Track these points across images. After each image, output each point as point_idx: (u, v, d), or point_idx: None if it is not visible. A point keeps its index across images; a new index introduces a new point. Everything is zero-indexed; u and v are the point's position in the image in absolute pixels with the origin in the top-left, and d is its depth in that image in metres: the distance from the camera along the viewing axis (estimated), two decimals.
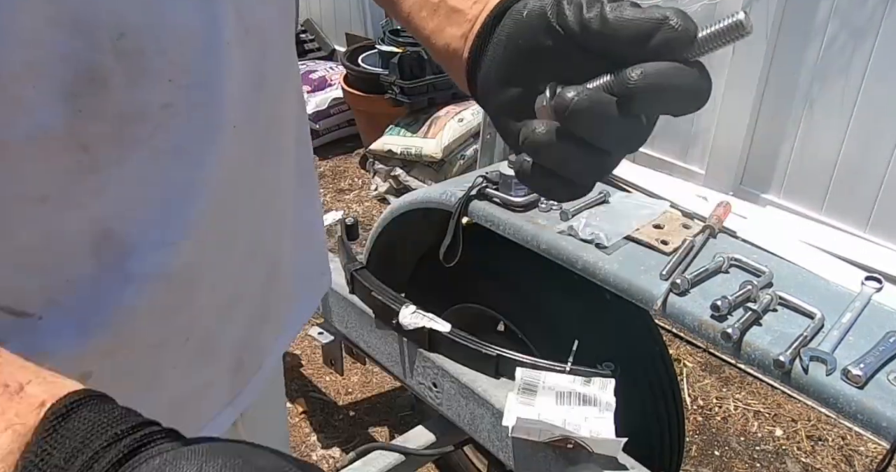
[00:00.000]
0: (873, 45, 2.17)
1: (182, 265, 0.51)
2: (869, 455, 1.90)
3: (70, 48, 0.40)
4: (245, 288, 0.60)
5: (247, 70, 0.50)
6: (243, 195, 0.55)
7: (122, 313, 0.49)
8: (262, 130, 0.55)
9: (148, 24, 0.43)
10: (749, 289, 1.07)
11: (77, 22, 0.40)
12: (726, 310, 1.04)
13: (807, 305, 1.05)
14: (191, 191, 0.49)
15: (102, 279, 0.48)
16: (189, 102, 0.47)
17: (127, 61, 0.43)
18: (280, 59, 0.56)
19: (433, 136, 2.84)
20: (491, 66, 0.46)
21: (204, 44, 0.46)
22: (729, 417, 2.05)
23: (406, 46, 2.98)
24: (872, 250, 1.72)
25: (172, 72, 0.45)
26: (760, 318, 1.04)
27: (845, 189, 2.38)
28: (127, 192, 0.46)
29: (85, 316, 0.48)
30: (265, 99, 0.54)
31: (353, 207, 3.12)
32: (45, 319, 0.47)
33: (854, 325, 1.02)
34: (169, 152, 0.47)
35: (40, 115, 0.41)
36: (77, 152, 0.43)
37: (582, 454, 1.10)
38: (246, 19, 0.49)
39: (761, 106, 2.51)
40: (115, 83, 0.43)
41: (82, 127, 0.43)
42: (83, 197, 0.45)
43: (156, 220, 0.48)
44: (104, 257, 0.47)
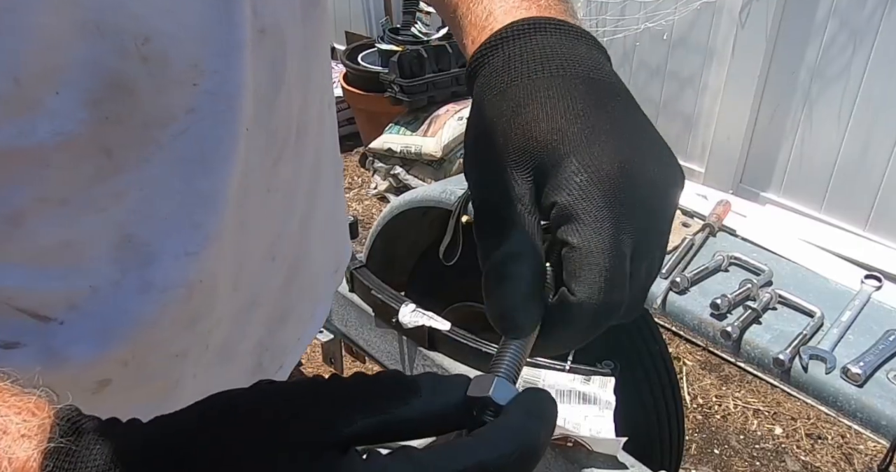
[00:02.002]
0: (872, 45, 2.17)
1: (201, 275, 0.50)
2: (868, 454, 1.91)
3: (94, 54, 0.40)
4: (264, 291, 0.60)
5: (263, 72, 0.49)
6: (261, 199, 0.54)
7: (143, 322, 0.49)
8: (280, 132, 0.54)
9: (171, 27, 0.42)
10: (748, 287, 1.07)
11: (101, 27, 0.39)
12: (726, 308, 1.05)
13: (806, 303, 1.05)
14: (210, 198, 0.48)
15: (123, 287, 0.47)
16: (212, 106, 0.46)
17: (152, 66, 0.42)
18: (300, 59, 0.55)
19: (433, 134, 2.84)
20: None
21: (222, 46, 0.45)
22: (728, 415, 2.05)
23: (405, 45, 2.98)
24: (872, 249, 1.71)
25: (196, 76, 0.44)
26: (760, 316, 1.04)
27: (845, 188, 2.38)
28: (148, 197, 0.46)
29: (105, 323, 0.48)
30: (283, 100, 0.53)
31: (352, 206, 3.12)
32: (66, 324, 0.46)
33: (853, 323, 1.02)
34: (190, 158, 0.46)
35: (63, 121, 0.40)
36: (99, 157, 0.43)
37: (582, 452, 1.10)
38: (262, 19, 0.48)
39: (761, 105, 2.51)
40: (141, 89, 0.42)
41: (106, 133, 0.42)
42: (104, 201, 0.44)
43: (176, 228, 0.48)
44: (125, 264, 0.47)
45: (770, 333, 1.02)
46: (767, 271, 1.12)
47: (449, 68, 2.91)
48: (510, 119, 0.38)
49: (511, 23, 0.42)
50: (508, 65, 0.40)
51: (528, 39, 0.41)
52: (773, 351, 0.98)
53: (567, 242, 0.35)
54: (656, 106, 2.79)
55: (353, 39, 3.84)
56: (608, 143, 0.36)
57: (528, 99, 0.38)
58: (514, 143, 0.38)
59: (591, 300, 0.35)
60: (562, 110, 0.37)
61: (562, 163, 0.36)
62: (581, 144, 0.36)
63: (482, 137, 0.39)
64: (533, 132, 0.37)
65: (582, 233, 0.35)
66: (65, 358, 0.46)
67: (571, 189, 0.35)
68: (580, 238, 0.35)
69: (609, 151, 0.36)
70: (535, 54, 0.40)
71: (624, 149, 0.37)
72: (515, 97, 0.39)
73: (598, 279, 0.35)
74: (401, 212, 1.50)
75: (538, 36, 0.41)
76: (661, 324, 1.94)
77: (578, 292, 0.35)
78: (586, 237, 0.35)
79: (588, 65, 0.40)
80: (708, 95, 2.64)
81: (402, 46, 2.99)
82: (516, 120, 0.38)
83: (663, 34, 2.61)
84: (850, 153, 2.33)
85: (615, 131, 0.37)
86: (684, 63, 2.66)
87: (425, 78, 2.90)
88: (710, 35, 2.55)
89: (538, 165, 0.37)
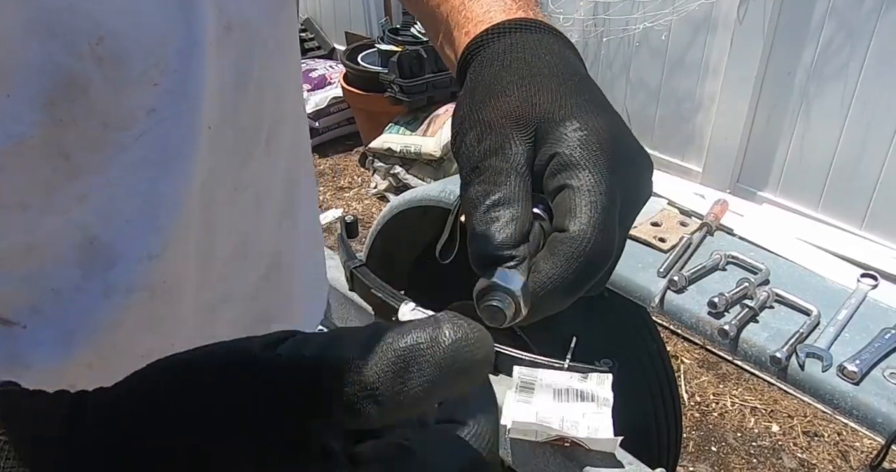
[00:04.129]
0: (869, 46, 2.18)
1: (164, 277, 0.49)
2: (864, 451, 1.92)
3: (45, 55, 0.38)
4: (236, 289, 0.59)
5: (228, 69, 0.49)
6: (228, 197, 0.53)
7: (106, 325, 0.48)
8: (249, 130, 0.53)
9: (127, 26, 0.41)
10: (746, 286, 1.08)
11: (52, 27, 0.38)
12: (723, 307, 1.05)
13: (803, 302, 1.06)
14: (173, 200, 0.47)
15: (86, 290, 0.46)
16: (173, 105, 0.45)
17: (108, 66, 0.41)
18: (271, 57, 0.54)
19: (432, 134, 2.84)
20: None
21: (183, 43, 0.44)
22: (726, 413, 2.06)
23: (405, 45, 2.99)
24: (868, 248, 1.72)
25: (156, 75, 0.43)
26: (757, 315, 1.05)
27: (841, 187, 2.39)
28: (110, 200, 0.45)
29: (69, 327, 0.47)
30: (252, 97, 0.52)
31: (352, 205, 3.12)
32: (30, 328, 0.46)
33: (850, 322, 1.03)
34: (152, 159, 0.45)
35: (15, 123, 0.39)
36: (57, 160, 0.42)
37: (579, 450, 1.11)
38: (228, 16, 0.47)
39: (758, 105, 2.52)
40: (96, 90, 0.41)
41: (62, 135, 0.41)
42: (65, 203, 0.43)
43: (139, 231, 0.47)
44: (88, 267, 0.46)
45: (767, 331, 1.02)
46: (764, 270, 1.13)
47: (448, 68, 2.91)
48: (515, 87, 0.40)
49: (512, 19, 0.45)
50: (512, 48, 0.43)
51: (527, 34, 0.44)
52: (770, 349, 0.99)
53: (566, 184, 0.37)
54: (654, 107, 2.80)
55: (353, 40, 3.84)
56: (602, 114, 0.39)
57: (530, 75, 0.41)
58: (518, 107, 0.39)
59: (586, 234, 0.35)
60: (561, 86, 0.40)
61: (562, 123, 0.38)
62: (580, 109, 0.39)
63: (482, 101, 0.41)
64: (536, 99, 0.39)
65: (581, 176, 0.36)
66: (29, 363, 0.45)
67: (572, 141, 0.37)
68: (579, 180, 0.36)
69: (603, 119, 0.39)
70: (534, 45, 0.43)
71: (615, 121, 0.40)
72: (519, 70, 0.41)
73: (594, 215, 0.35)
74: (400, 211, 1.50)
75: (535, 33, 0.44)
76: (659, 322, 1.95)
77: (573, 226, 0.35)
78: (585, 179, 0.36)
79: (576, 62, 0.44)
80: (706, 95, 2.64)
81: (401, 47, 3.00)
82: (519, 90, 0.40)
83: (662, 34, 2.62)
84: (847, 153, 2.34)
85: (601, 108, 0.40)
86: (682, 63, 2.67)
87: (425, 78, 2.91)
88: (707, 35, 2.55)
89: (538, 127, 0.39)
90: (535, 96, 0.40)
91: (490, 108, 0.40)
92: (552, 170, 0.38)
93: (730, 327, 1.02)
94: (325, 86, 3.56)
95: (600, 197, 0.36)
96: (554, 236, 0.36)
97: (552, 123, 0.38)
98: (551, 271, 0.35)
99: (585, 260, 0.35)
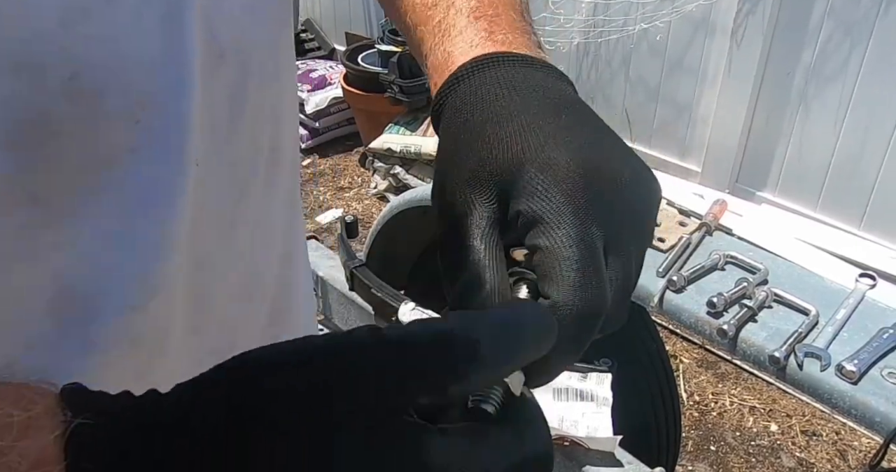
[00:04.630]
0: (867, 45, 2.19)
1: (147, 329, 0.45)
2: (863, 450, 1.92)
3: (9, 92, 0.34)
4: (242, 334, 0.54)
5: (220, 100, 0.44)
6: (225, 237, 0.49)
7: (87, 381, 0.44)
8: (243, 164, 0.48)
9: (104, 57, 0.37)
10: (745, 286, 1.09)
11: (17, 63, 0.34)
12: (722, 307, 1.06)
13: (802, 301, 1.07)
14: (155, 246, 0.42)
15: (63, 346, 0.42)
16: (157, 143, 0.40)
17: (82, 104, 0.37)
18: (269, 83, 0.50)
19: (432, 134, 2.85)
20: None
21: (169, 76, 0.40)
22: (725, 412, 2.06)
23: (405, 46, 2.99)
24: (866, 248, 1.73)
25: (138, 111, 0.39)
26: (756, 314, 1.05)
27: (840, 187, 2.39)
28: (87, 247, 0.40)
29: None
30: (246, 129, 0.47)
31: (352, 205, 3.13)
32: None
33: (848, 321, 1.03)
34: (133, 202, 0.41)
35: None
36: (27, 206, 0.37)
37: (579, 449, 1.11)
38: (220, 43, 0.43)
39: (757, 105, 2.53)
40: (69, 130, 0.37)
41: (32, 179, 0.37)
42: (38, 252, 0.39)
43: (120, 280, 0.42)
44: (64, 320, 0.41)
45: (766, 331, 1.03)
46: (763, 270, 1.13)
47: None
48: (469, 145, 0.38)
49: (466, 62, 0.42)
50: (465, 100, 0.41)
51: (483, 74, 0.41)
52: (768, 349, 0.99)
53: (536, 246, 0.35)
54: (653, 106, 2.81)
55: (353, 40, 3.84)
56: (566, 146, 0.36)
57: (484, 124, 0.38)
58: (472, 167, 0.37)
59: (568, 300, 0.34)
60: (517, 127, 0.38)
61: (520, 172, 0.36)
62: (538, 151, 0.36)
63: (445, 168, 0.39)
64: (492, 153, 0.37)
65: (547, 233, 0.34)
66: None
67: (531, 194, 0.35)
68: (546, 239, 0.34)
69: (566, 153, 0.36)
70: (490, 84, 0.40)
71: (583, 149, 0.37)
72: (473, 125, 0.39)
73: (570, 275, 0.34)
74: (400, 211, 1.51)
75: (492, 69, 0.41)
76: (658, 322, 1.95)
77: (552, 294, 0.34)
78: (552, 236, 0.34)
79: (542, 85, 0.40)
80: (705, 96, 2.65)
81: (401, 47, 3.00)
82: (474, 145, 0.38)
83: (660, 34, 2.62)
84: (846, 153, 2.35)
85: (573, 136, 0.37)
86: (681, 65, 2.67)
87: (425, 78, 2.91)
88: (706, 36, 2.56)
89: (499, 183, 0.37)
90: (494, 149, 0.37)
91: (451, 175, 0.38)
92: (521, 230, 0.36)
93: (729, 326, 1.02)
94: (326, 86, 3.56)
95: (572, 251, 0.34)
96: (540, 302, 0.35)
97: (511, 173, 0.36)
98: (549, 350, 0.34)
99: (578, 329, 0.34)
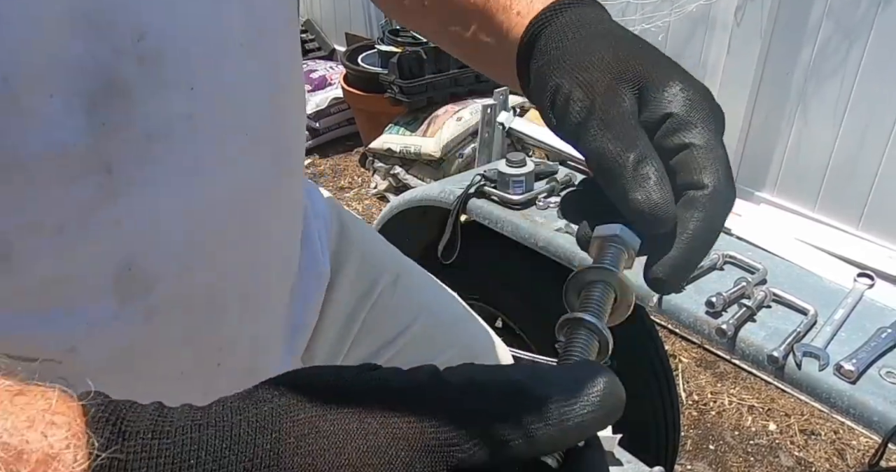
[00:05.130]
0: (866, 45, 2.19)
1: (202, 295, 0.46)
2: (861, 449, 1.93)
3: (88, 52, 0.36)
4: (275, 297, 0.57)
5: (262, 76, 0.46)
6: (265, 212, 0.51)
7: (145, 349, 0.45)
8: (278, 140, 0.51)
9: (165, 22, 0.39)
10: (743, 286, 1.09)
11: (94, 22, 0.36)
12: (721, 306, 1.06)
13: (800, 301, 1.07)
14: (210, 212, 0.45)
15: (124, 320, 0.43)
16: (212, 112, 0.43)
17: (149, 67, 0.39)
18: (291, 67, 0.52)
19: (432, 134, 2.85)
20: None
21: (218, 46, 0.42)
22: (723, 412, 2.07)
23: (405, 46, 3.00)
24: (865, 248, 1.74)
25: (193, 79, 0.41)
26: (754, 314, 1.06)
27: (838, 187, 2.40)
28: (146, 218, 0.42)
29: (106, 357, 0.43)
30: (279, 107, 0.50)
31: (352, 205, 3.13)
32: (65, 364, 0.42)
33: (846, 321, 1.03)
34: (189, 170, 0.43)
35: (59, 129, 0.36)
36: (99, 174, 0.39)
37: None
38: (258, 20, 0.45)
39: (755, 105, 2.53)
40: (138, 93, 0.39)
41: (105, 144, 0.38)
42: (103, 228, 0.40)
43: (176, 248, 0.44)
44: (126, 294, 0.42)
45: (764, 330, 1.03)
46: (762, 270, 1.13)
47: (448, 69, 2.92)
48: (606, 51, 0.42)
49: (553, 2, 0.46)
50: (582, 20, 0.45)
51: (586, 8, 0.46)
52: (767, 348, 1.00)
53: (691, 143, 0.39)
54: None
55: (353, 41, 3.85)
56: (684, 72, 0.42)
57: (614, 40, 0.43)
58: (618, 67, 0.41)
59: (721, 187, 0.38)
60: (644, 50, 0.42)
61: (667, 84, 0.40)
62: (675, 71, 0.41)
63: (576, 66, 0.42)
64: (631, 61, 0.41)
65: (703, 135, 0.39)
66: None
67: (685, 102, 0.40)
68: (702, 138, 0.39)
69: (699, 82, 0.42)
70: (598, 18, 0.45)
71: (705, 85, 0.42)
72: (601, 38, 0.43)
73: (724, 169, 0.39)
74: (400, 211, 1.51)
75: (591, 8, 0.46)
76: (658, 322, 1.95)
77: (710, 181, 0.38)
78: (707, 138, 0.39)
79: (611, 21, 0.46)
80: None
81: (401, 48, 3.00)
82: (613, 52, 0.42)
83: (660, 34, 2.62)
84: (844, 153, 2.35)
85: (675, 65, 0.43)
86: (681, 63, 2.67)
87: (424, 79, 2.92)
88: (705, 36, 2.56)
89: (643, 85, 0.40)
90: (629, 58, 0.41)
91: (589, 70, 0.41)
92: (668, 129, 0.39)
93: (727, 326, 1.03)
94: (326, 87, 3.56)
95: (724, 152, 0.39)
96: (692, 194, 0.38)
97: (655, 82, 0.40)
98: (699, 223, 0.38)
99: (724, 211, 0.39)
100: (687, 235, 0.38)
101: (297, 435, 0.25)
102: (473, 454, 0.26)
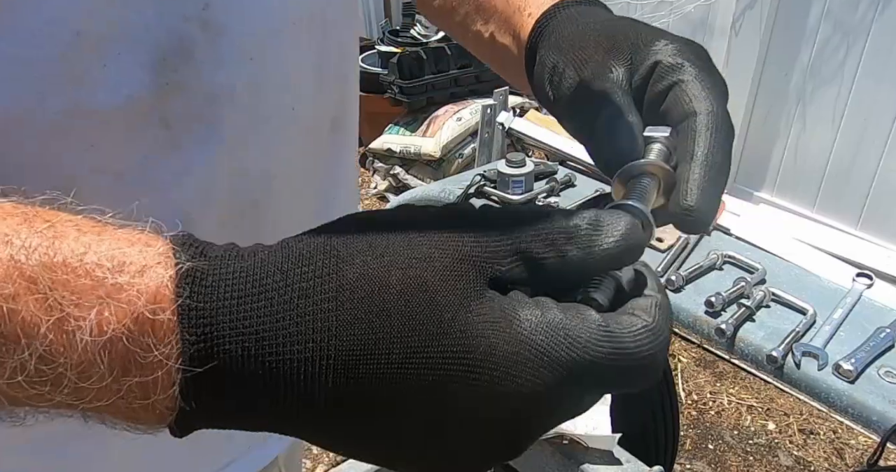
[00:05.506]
0: (864, 47, 2.20)
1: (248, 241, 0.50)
2: (859, 448, 1.93)
3: (157, 15, 0.39)
4: None
5: (309, 53, 0.49)
6: (311, 187, 0.54)
7: None
8: (323, 119, 0.54)
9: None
10: (742, 286, 1.09)
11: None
12: (720, 306, 1.06)
13: (799, 301, 1.07)
14: (261, 179, 0.48)
15: None
16: (267, 82, 0.45)
17: (212, 34, 0.41)
18: (341, 50, 0.55)
19: (432, 135, 2.85)
20: None
21: (273, 20, 0.45)
22: (722, 411, 2.07)
23: (405, 47, 3.00)
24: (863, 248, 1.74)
25: (253, 49, 0.44)
26: (753, 314, 1.06)
27: (837, 187, 2.40)
28: (202, 177, 0.44)
29: None
30: (325, 86, 0.53)
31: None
32: None
33: (845, 321, 1.04)
34: (246, 137, 0.46)
35: (123, 85, 0.39)
36: (158, 128, 0.42)
37: (578, 448, 1.12)
38: (309, 3, 0.48)
39: (754, 106, 2.54)
40: (200, 56, 0.41)
41: (166, 101, 0.41)
42: (162, 179, 0.43)
43: (229, 207, 0.47)
44: None
45: (763, 330, 1.04)
46: (761, 270, 1.14)
47: (448, 70, 2.93)
48: (598, 32, 0.45)
49: None
50: (580, 13, 0.48)
51: (587, 6, 0.49)
52: (766, 348, 1.00)
53: (677, 81, 0.40)
54: None
55: None
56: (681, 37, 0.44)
57: (609, 23, 0.46)
58: (607, 42, 0.44)
59: (717, 106, 0.39)
60: (637, 26, 0.45)
61: (653, 42, 0.42)
62: (663, 34, 0.43)
63: (570, 47, 0.45)
64: (621, 35, 0.44)
65: (690, 71, 0.40)
66: None
67: (671, 52, 0.41)
68: (688, 74, 0.40)
69: (686, 39, 0.43)
70: (597, 11, 0.48)
71: None
72: (596, 23, 0.46)
73: (716, 96, 0.39)
74: None
75: (592, 5, 0.49)
76: None
77: (701, 107, 0.39)
78: (693, 72, 0.40)
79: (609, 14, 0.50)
80: None
81: (401, 48, 3.01)
82: (604, 32, 0.45)
83: None
84: (843, 153, 2.36)
85: None
86: None
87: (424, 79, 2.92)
88: (704, 36, 2.57)
89: (632, 52, 0.43)
90: (619, 33, 0.44)
91: (581, 49, 0.44)
92: (657, 76, 0.41)
93: (727, 326, 1.03)
94: None
95: (712, 82, 0.40)
96: (687, 123, 0.39)
97: (643, 45, 0.42)
98: (705, 148, 0.38)
99: (728, 132, 0.39)
100: (699, 157, 0.38)
101: (352, 252, 0.29)
102: (510, 269, 0.30)
